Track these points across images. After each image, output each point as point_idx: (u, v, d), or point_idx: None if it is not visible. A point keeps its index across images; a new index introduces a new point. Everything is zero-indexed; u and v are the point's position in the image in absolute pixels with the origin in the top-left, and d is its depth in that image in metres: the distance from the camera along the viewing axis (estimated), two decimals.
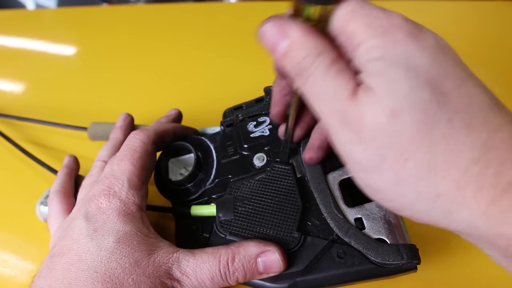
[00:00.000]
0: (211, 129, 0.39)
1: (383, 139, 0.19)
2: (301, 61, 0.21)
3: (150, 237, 0.29)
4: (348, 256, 0.29)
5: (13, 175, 0.48)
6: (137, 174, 0.32)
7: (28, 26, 0.68)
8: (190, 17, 0.65)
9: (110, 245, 0.28)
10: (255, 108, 0.36)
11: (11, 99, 0.57)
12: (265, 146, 0.34)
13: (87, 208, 0.30)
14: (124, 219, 0.29)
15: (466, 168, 0.18)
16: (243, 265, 0.28)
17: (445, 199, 0.18)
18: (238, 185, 0.32)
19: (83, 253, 0.28)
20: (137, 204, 0.31)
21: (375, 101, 0.19)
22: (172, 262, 0.28)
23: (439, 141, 0.18)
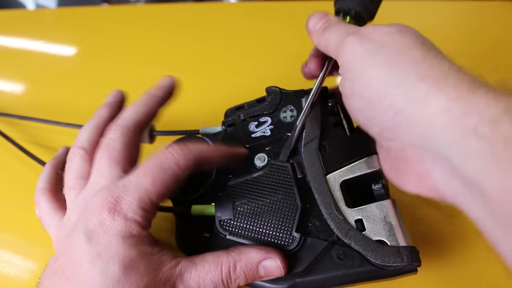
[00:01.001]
0: (212, 129, 0.39)
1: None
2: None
3: (154, 254, 0.28)
4: (348, 257, 0.29)
5: (14, 175, 0.48)
6: (153, 197, 0.28)
7: (28, 26, 0.68)
8: (190, 17, 0.65)
9: (116, 273, 0.26)
10: (257, 108, 0.36)
11: (11, 99, 0.57)
12: (266, 146, 0.34)
13: (88, 224, 0.27)
14: (129, 242, 0.27)
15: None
16: (245, 272, 0.28)
17: (428, 82, 0.22)
18: (236, 184, 0.32)
19: (88, 281, 0.26)
20: (142, 227, 0.28)
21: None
22: (175, 277, 0.27)
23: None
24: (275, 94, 0.36)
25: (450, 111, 0.20)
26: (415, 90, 0.22)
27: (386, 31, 0.26)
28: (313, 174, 0.31)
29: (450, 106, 0.21)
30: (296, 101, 0.35)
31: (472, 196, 0.20)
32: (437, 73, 0.22)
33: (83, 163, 0.33)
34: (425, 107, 0.22)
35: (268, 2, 0.65)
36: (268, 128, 0.34)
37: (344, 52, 0.27)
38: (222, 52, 0.59)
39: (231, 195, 0.32)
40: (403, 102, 0.23)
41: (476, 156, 0.19)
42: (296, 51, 0.58)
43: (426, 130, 0.22)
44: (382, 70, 0.24)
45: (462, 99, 0.20)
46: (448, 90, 0.21)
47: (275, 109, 0.35)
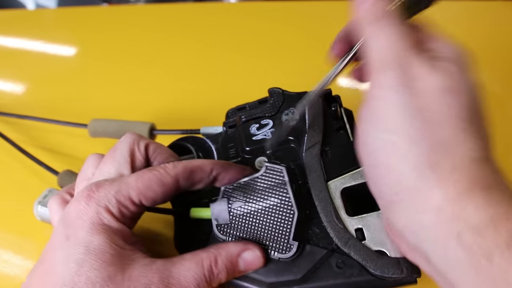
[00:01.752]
0: (213, 129, 0.38)
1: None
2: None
3: (126, 249, 0.27)
4: (347, 266, 0.28)
5: (13, 175, 0.48)
6: (133, 193, 0.28)
7: (28, 26, 0.68)
8: (190, 17, 0.65)
9: (79, 256, 0.25)
10: (259, 110, 0.35)
11: (11, 99, 0.57)
12: (267, 150, 0.33)
13: (68, 209, 0.28)
14: (98, 229, 0.26)
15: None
16: (226, 266, 0.28)
17: (435, 172, 0.21)
18: (232, 187, 0.31)
19: (54, 264, 0.26)
20: (114, 216, 0.27)
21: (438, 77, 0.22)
22: (152, 275, 0.26)
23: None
24: (277, 95, 0.35)
25: (441, 212, 0.20)
26: (421, 178, 0.21)
27: (439, 89, 0.22)
28: (314, 180, 0.31)
29: (443, 206, 0.20)
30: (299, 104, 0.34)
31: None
32: (449, 162, 0.20)
33: (91, 166, 0.33)
34: (423, 200, 0.21)
35: (268, 2, 0.65)
36: (270, 131, 0.34)
37: (379, 83, 0.23)
38: (222, 52, 0.59)
39: (227, 199, 0.31)
40: (407, 185, 0.21)
41: (456, 264, 0.19)
42: (296, 51, 0.58)
43: (417, 222, 0.21)
44: (402, 140, 0.21)
45: (456, 199, 0.20)
46: (448, 186, 0.20)
47: (277, 111, 0.34)
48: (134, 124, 0.44)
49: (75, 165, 0.48)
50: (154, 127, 0.44)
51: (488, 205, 0.19)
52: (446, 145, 0.21)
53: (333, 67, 0.29)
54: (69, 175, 0.43)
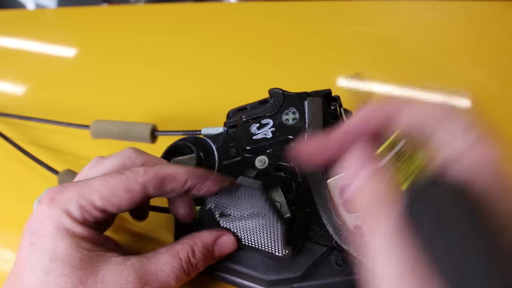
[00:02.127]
0: (214, 129, 0.38)
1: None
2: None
3: (95, 251, 0.26)
4: (346, 264, 0.29)
5: (13, 174, 0.48)
6: (96, 197, 0.26)
7: (28, 26, 0.68)
8: (190, 17, 0.65)
9: (46, 263, 0.24)
10: (259, 110, 0.35)
11: (11, 99, 0.57)
12: (267, 149, 0.34)
13: (33, 213, 0.27)
14: (61, 234, 0.25)
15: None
16: (203, 254, 0.28)
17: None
18: (216, 197, 0.30)
19: (22, 272, 0.25)
20: (76, 221, 0.26)
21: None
22: (127, 274, 0.25)
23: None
24: (277, 96, 0.35)
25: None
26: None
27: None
28: (314, 178, 0.31)
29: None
30: (298, 104, 0.34)
31: None
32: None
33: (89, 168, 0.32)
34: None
35: (268, 2, 0.65)
36: (270, 131, 0.34)
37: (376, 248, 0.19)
38: (222, 52, 0.59)
39: (210, 210, 0.30)
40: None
41: None
42: (296, 51, 0.58)
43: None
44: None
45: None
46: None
47: (277, 111, 0.35)
48: (136, 125, 0.44)
49: (76, 165, 0.48)
50: (156, 128, 0.45)
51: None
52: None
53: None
54: (70, 175, 0.43)
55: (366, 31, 0.59)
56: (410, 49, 0.56)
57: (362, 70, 0.54)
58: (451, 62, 0.54)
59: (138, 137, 0.44)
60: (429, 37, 0.57)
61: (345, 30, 0.60)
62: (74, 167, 0.46)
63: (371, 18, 0.61)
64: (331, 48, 0.58)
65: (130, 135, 0.44)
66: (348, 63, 0.56)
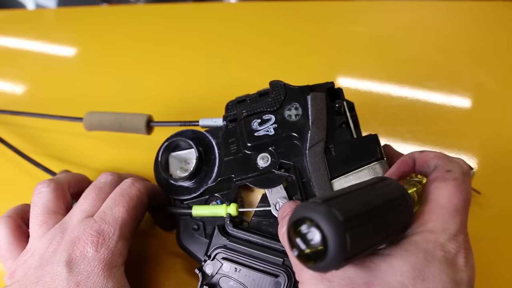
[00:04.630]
0: (212, 121, 0.37)
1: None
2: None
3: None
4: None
5: (13, 174, 0.48)
6: (129, 225, 0.30)
7: (28, 26, 0.68)
8: (190, 17, 0.65)
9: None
10: (260, 104, 0.34)
11: (11, 99, 0.57)
12: (270, 146, 0.33)
13: (71, 254, 0.28)
14: (108, 274, 0.28)
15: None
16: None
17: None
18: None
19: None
20: (123, 256, 0.29)
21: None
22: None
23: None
24: (279, 89, 0.34)
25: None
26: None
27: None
28: (318, 179, 0.31)
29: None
30: (301, 99, 0.33)
31: None
32: None
33: (54, 198, 0.33)
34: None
35: (268, 2, 0.65)
36: (272, 127, 0.33)
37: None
38: (222, 52, 0.59)
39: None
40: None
41: None
42: (296, 51, 0.58)
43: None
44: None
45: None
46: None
47: (279, 106, 0.33)
48: (131, 116, 0.43)
49: (72, 164, 0.48)
50: (152, 118, 0.44)
51: None
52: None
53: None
54: None
55: (366, 31, 0.59)
56: (410, 49, 0.56)
57: (362, 70, 0.54)
58: (451, 62, 0.54)
59: (133, 128, 0.43)
60: (429, 37, 0.57)
61: (345, 30, 0.60)
62: (70, 166, 0.46)
63: (371, 18, 0.62)
64: (331, 48, 0.58)
65: (125, 126, 0.43)
66: (348, 63, 0.56)
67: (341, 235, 0.19)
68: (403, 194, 0.24)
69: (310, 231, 0.20)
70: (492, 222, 0.40)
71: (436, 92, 0.51)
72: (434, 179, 0.26)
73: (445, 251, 0.23)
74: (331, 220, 0.19)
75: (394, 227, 0.24)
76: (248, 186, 0.33)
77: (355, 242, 0.20)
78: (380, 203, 0.22)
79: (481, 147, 0.46)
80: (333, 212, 0.19)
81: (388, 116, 0.49)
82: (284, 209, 0.29)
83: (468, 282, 0.23)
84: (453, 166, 0.26)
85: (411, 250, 0.23)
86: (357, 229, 0.20)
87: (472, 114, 0.49)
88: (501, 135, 0.46)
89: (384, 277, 0.22)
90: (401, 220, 0.24)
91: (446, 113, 0.49)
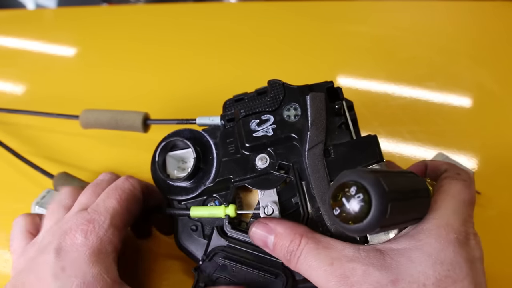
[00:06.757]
0: (210, 119, 0.36)
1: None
2: (288, 246, 0.27)
3: (117, 282, 0.29)
4: None
5: (13, 174, 0.48)
6: (121, 215, 0.31)
7: (28, 26, 0.68)
8: (190, 17, 0.65)
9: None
10: (258, 103, 0.33)
11: (11, 99, 0.57)
12: (268, 147, 0.33)
13: (61, 242, 0.29)
14: (95, 259, 0.28)
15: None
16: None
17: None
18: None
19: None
20: (114, 244, 0.30)
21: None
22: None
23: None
24: (278, 88, 0.33)
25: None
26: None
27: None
28: (317, 182, 0.30)
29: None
30: (300, 99, 0.33)
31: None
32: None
33: (70, 197, 0.34)
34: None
35: (268, 2, 0.65)
36: (271, 128, 0.32)
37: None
38: (222, 51, 0.59)
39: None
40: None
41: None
42: (296, 51, 0.58)
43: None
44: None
45: None
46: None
47: (278, 106, 0.33)
48: (128, 114, 0.43)
49: (69, 165, 0.48)
50: (148, 116, 0.43)
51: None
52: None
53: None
54: (64, 178, 0.42)
55: (366, 31, 0.59)
56: (410, 49, 0.56)
57: (362, 70, 0.54)
58: (451, 62, 0.54)
59: (130, 126, 0.43)
60: (429, 37, 0.57)
61: (345, 30, 0.60)
62: (66, 166, 0.46)
63: (371, 18, 0.61)
64: (331, 48, 0.58)
65: (121, 124, 0.43)
66: (348, 63, 0.56)
67: (385, 203, 0.21)
68: (426, 188, 0.27)
69: (358, 194, 0.22)
70: (492, 222, 0.40)
71: (436, 92, 0.51)
72: (445, 177, 0.29)
73: (457, 234, 0.25)
74: (379, 187, 0.21)
75: (416, 214, 0.26)
76: (246, 187, 0.33)
77: (393, 213, 0.22)
78: (413, 188, 0.25)
79: (481, 147, 0.45)
80: (381, 181, 0.22)
81: (388, 116, 0.49)
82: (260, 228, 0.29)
83: (480, 258, 0.25)
84: (462, 172, 0.29)
85: (424, 239, 0.25)
86: (396, 202, 0.22)
87: (472, 114, 0.49)
88: (501, 135, 0.46)
89: (406, 271, 0.24)
90: (422, 211, 0.27)
91: (446, 113, 0.49)
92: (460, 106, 0.49)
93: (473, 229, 0.26)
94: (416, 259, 0.24)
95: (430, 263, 0.24)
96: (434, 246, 0.24)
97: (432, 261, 0.24)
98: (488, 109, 0.49)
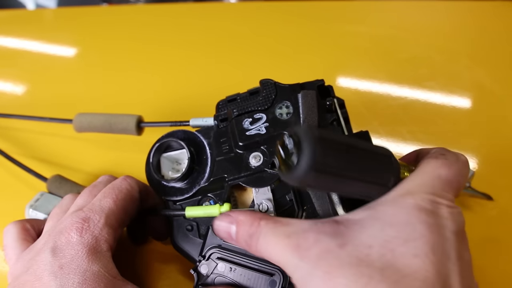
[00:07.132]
0: (203, 120, 0.37)
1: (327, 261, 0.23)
2: (248, 230, 0.27)
3: (118, 279, 0.29)
4: None
5: (14, 173, 0.48)
6: (116, 214, 0.31)
7: (28, 26, 0.68)
8: (190, 17, 0.65)
9: (75, 286, 0.27)
10: (251, 102, 0.34)
11: (11, 99, 0.57)
12: (262, 145, 0.33)
13: (56, 241, 0.29)
14: (93, 257, 0.28)
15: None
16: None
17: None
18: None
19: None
20: (109, 243, 0.30)
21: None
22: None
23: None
24: (270, 87, 0.34)
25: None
26: None
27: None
28: None
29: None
30: (292, 97, 0.33)
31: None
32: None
33: (71, 202, 0.35)
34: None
35: (268, 2, 0.65)
36: (264, 126, 0.33)
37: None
38: (222, 51, 0.59)
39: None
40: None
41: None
42: (296, 51, 0.58)
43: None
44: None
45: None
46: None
47: (270, 105, 0.33)
48: (121, 117, 0.43)
49: (63, 168, 0.48)
50: (142, 119, 0.43)
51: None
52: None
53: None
54: (58, 181, 0.42)
55: (366, 31, 0.59)
56: (410, 49, 0.56)
57: (362, 70, 0.54)
58: (451, 62, 0.54)
59: (123, 129, 0.43)
60: (429, 37, 0.57)
61: (345, 30, 0.60)
62: (60, 169, 0.46)
63: (371, 18, 0.61)
64: (330, 48, 0.58)
65: (115, 127, 0.43)
66: (348, 63, 0.56)
67: (313, 144, 0.22)
68: (389, 156, 0.26)
69: (290, 140, 0.23)
70: (492, 222, 0.40)
71: (436, 92, 0.50)
72: (427, 157, 0.27)
73: (417, 200, 0.24)
74: (309, 132, 0.22)
75: (372, 175, 0.25)
76: (241, 185, 0.33)
77: (328, 159, 0.23)
78: (361, 147, 0.25)
79: (481, 147, 0.45)
80: (313, 130, 0.23)
81: (388, 116, 0.49)
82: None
83: (451, 229, 0.23)
84: (449, 153, 0.27)
85: (380, 209, 0.24)
86: (329, 150, 0.23)
87: (472, 114, 0.48)
88: (501, 135, 0.46)
89: (355, 235, 0.23)
90: (383, 176, 0.26)
91: (446, 113, 0.48)
92: (460, 106, 0.49)
93: (447, 201, 0.24)
94: (367, 224, 0.24)
95: (380, 226, 0.23)
96: (387, 212, 0.24)
97: (381, 224, 0.23)
98: (487, 109, 0.49)
